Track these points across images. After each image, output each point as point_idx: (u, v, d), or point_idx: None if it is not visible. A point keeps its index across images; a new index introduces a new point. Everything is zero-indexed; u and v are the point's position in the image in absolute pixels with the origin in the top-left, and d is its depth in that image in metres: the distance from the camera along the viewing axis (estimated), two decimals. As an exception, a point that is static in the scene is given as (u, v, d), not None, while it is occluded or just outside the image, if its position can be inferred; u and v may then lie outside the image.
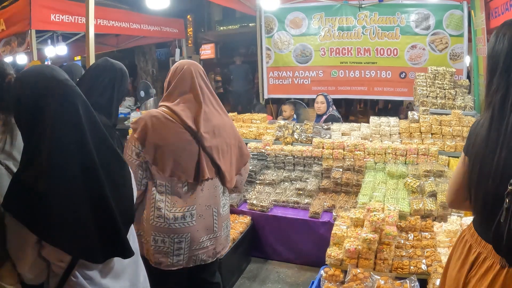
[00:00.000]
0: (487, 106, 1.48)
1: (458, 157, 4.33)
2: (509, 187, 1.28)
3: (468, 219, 3.33)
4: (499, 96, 1.41)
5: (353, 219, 3.23)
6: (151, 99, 7.34)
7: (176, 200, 2.25)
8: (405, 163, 4.33)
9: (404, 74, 6.63)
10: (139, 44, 9.42)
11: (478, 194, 1.50)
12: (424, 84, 5.05)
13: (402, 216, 3.44)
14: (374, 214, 2.98)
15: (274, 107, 8.59)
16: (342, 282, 2.91)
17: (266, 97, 7.58)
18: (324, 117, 5.54)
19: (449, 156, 4.32)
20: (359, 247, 2.93)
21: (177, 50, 8.58)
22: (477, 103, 5.32)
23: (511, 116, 1.36)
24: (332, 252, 3.05)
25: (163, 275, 2.31)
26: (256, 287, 3.62)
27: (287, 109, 6.64)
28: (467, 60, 6.31)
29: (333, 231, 3.18)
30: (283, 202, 4.09)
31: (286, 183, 4.50)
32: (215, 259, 2.47)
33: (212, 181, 2.34)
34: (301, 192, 4.20)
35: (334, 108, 5.68)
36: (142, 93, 7.71)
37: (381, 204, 3.43)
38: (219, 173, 2.36)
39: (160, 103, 2.31)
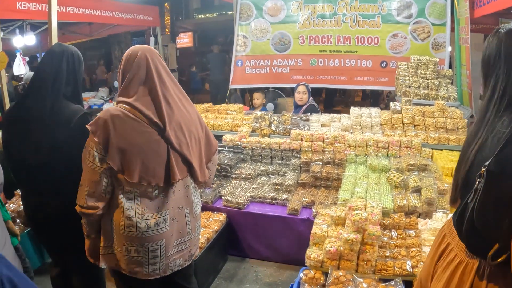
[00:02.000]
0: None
1: (441, 150, 4.20)
2: (483, 169, 1.35)
3: (454, 216, 3.18)
4: (486, 97, 1.52)
5: (334, 217, 3.03)
6: None
7: (146, 206, 2.01)
8: (387, 156, 4.16)
9: (385, 63, 6.46)
10: (114, 32, 9.04)
11: (454, 181, 1.60)
12: (407, 73, 4.88)
13: (385, 213, 3.27)
14: (357, 213, 2.79)
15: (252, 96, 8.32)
16: (323, 286, 2.72)
17: (230, 87, 7.30)
18: (304, 107, 5.33)
19: (432, 149, 4.17)
20: (341, 248, 2.73)
21: (152, 39, 8.22)
22: (459, 93, 5.19)
23: (492, 112, 1.45)
24: (312, 253, 2.84)
25: (137, 283, 2.12)
26: (233, 287, 3.40)
27: (259, 97, 6.40)
28: (449, 49, 6.19)
29: (312, 231, 2.97)
30: (260, 198, 3.87)
31: (263, 177, 4.28)
32: (191, 261, 2.29)
33: (183, 181, 2.12)
34: (279, 187, 3.98)
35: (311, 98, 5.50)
36: (115, 84, 7.33)
37: (363, 200, 3.24)
38: (190, 170, 2.13)
39: (118, 99, 2.02)
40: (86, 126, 1.95)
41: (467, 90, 5.38)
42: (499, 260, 1.36)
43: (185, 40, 14.03)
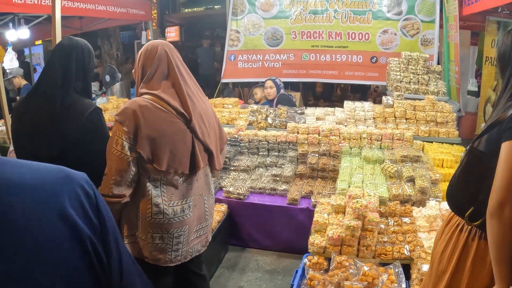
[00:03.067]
0: None
1: (432, 142, 4.38)
2: (469, 145, 1.69)
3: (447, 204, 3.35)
4: (502, 86, 1.68)
5: (334, 205, 3.16)
6: (117, 84, 6.98)
7: (172, 193, 2.10)
8: (380, 148, 4.32)
9: (375, 58, 6.63)
10: (104, 26, 8.96)
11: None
12: (398, 69, 5.05)
13: (381, 202, 3.42)
14: (357, 201, 2.93)
15: (245, 90, 8.42)
16: (326, 270, 2.85)
17: (222, 81, 7.38)
18: (275, 100, 5.37)
19: (423, 141, 4.35)
20: (343, 234, 2.87)
21: (144, 33, 8.20)
22: (447, 88, 5.39)
23: (503, 100, 1.63)
24: (315, 239, 2.97)
25: (156, 270, 2.19)
26: (235, 276, 3.51)
27: (258, 92, 6.50)
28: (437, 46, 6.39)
29: (314, 219, 3.10)
30: (260, 189, 3.98)
31: (261, 169, 4.39)
32: (206, 247, 2.40)
33: (204, 169, 2.23)
34: (277, 178, 4.10)
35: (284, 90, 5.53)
36: (107, 78, 7.31)
37: (360, 190, 3.40)
38: (210, 159, 2.25)
39: (142, 90, 2.08)
40: (113, 116, 2.00)
41: (455, 85, 5.58)
42: (476, 223, 1.64)
43: (172, 34, 13.96)
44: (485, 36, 5.70)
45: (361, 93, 9.94)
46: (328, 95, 9.94)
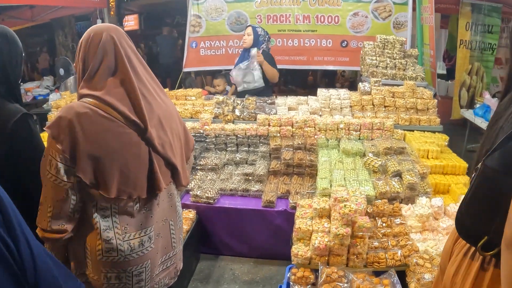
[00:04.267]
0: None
1: (413, 131, 4.09)
2: (480, 164, 1.33)
3: (438, 200, 3.07)
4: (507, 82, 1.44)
5: (318, 209, 2.79)
6: (71, 78, 6.31)
7: (127, 223, 1.64)
8: (359, 139, 3.99)
9: (345, 42, 6.29)
10: (57, 16, 8.20)
11: (474, 157, 1.50)
12: (373, 53, 4.72)
13: (367, 200, 3.07)
14: (345, 205, 2.56)
15: (208, 79, 7.91)
16: (314, 284, 2.49)
17: (184, 70, 6.85)
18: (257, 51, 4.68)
19: (404, 130, 4.06)
20: (330, 243, 2.50)
21: (99, 21, 7.50)
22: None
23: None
24: (299, 250, 2.60)
25: None
26: (209, 291, 3.10)
27: (220, 83, 6.06)
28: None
29: (296, 225, 2.71)
30: (231, 190, 3.56)
31: (230, 166, 3.97)
32: (176, 278, 1.97)
33: (167, 188, 1.78)
34: (250, 177, 3.68)
35: (269, 46, 4.91)
36: (61, 71, 6.63)
37: (344, 189, 3.03)
38: (174, 174, 1.79)
39: (82, 91, 1.60)
40: (44, 128, 1.52)
41: (430, 69, 5.34)
42: (491, 252, 1.33)
43: (131, 23, 13.15)
44: (459, 19, 5.48)
45: (328, 78, 9.65)
46: (300, 82, 9.53)
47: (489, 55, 5.82)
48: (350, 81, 9.07)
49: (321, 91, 4.51)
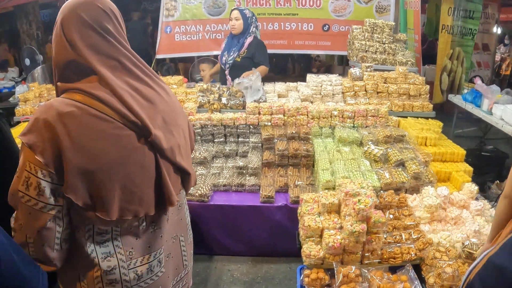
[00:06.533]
0: None
1: (406, 117, 3.99)
2: None
3: (444, 189, 2.95)
4: None
5: (326, 204, 2.60)
6: (39, 68, 5.80)
7: (132, 247, 1.35)
8: (354, 126, 3.84)
9: (327, 26, 6.10)
10: (20, 2, 7.51)
11: None
12: (362, 37, 4.55)
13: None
14: (359, 200, 2.39)
15: (181, 66, 7.54)
16: (328, 286, 2.33)
17: (157, 56, 6.46)
18: (247, 40, 4.42)
19: (398, 116, 3.94)
20: (345, 241, 2.33)
21: None
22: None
23: None
24: (311, 250, 2.41)
25: None
26: (208, 296, 2.88)
27: (206, 68, 5.73)
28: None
29: (305, 223, 2.52)
30: (224, 186, 3.32)
31: (220, 159, 3.72)
32: None
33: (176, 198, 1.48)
34: (243, 171, 3.46)
35: (258, 30, 4.56)
36: (27, 61, 6.12)
37: (350, 181, 2.87)
38: (184, 180, 1.50)
39: (60, 85, 1.26)
40: (19, 137, 1.18)
41: (415, 54, 5.25)
42: None
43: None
44: (442, 4, 5.40)
45: (304, 63, 9.49)
46: (279, 69, 9.29)
47: (469, 40, 5.80)
48: (326, 66, 8.95)
49: (311, 77, 4.31)
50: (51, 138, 1.15)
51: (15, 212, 1.22)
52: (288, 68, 9.56)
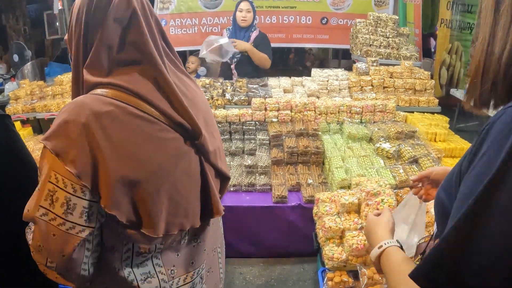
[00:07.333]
0: None
1: (413, 112, 3.94)
2: None
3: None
4: None
5: (346, 204, 2.53)
6: (28, 64, 5.57)
7: (174, 264, 1.22)
8: (361, 122, 3.77)
9: (325, 19, 6.01)
10: None
11: None
12: (366, 31, 4.48)
13: (389, 191, 2.87)
14: (382, 200, 2.33)
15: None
16: (352, 288, 2.26)
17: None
18: (253, 34, 4.33)
19: (405, 112, 3.89)
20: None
21: (56, 3, 6.68)
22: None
23: None
24: (333, 252, 2.34)
25: None
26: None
27: (194, 61, 5.62)
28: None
29: (326, 224, 2.44)
30: (234, 186, 3.22)
31: (226, 157, 3.61)
32: None
33: None
34: (253, 169, 3.36)
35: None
36: (16, 57, 5.88)
37: (365, 178, 2.82)
38: (222, 185, 1.38)
39: (90, 79, 1.08)
40: (41, 141, 1.01)
41: (416, 48, 5.21)
42: None
43: None
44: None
45: (298, 57, 9.38)
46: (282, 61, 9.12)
47: (467, 35, 5.79)
48: (320, 60, 8.86)
49: (316, 72, 4.23)
50: (87, 144, 0.99)
51: (33, 226, 1.05)
52: (285, 61, 9.43)
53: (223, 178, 1.36)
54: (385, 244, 1.03)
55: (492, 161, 0.65)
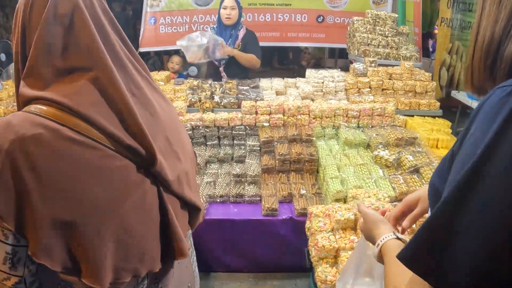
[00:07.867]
0: None
1: (413, 116, 3.73)
2: None
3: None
4: None
5: (341, 221, 2.31)
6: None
7: None
8: (358, 127, 3.55)
9: (321, 18, 5.78)
10: None
11: None
12: (364, 30, 4.25)
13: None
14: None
15: (165, 59, 7.13)
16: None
17: (140, 49, 6.03)
18: (240, 33, 4.08)
19: (405, 115, 3.67)
20: (367, 265, 2.04)
21: None
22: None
23: None
24: (327, 274, 2.11)
25: None
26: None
27: (179, 62, 5.42)
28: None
29: (319, 243, 2.22)
30: (221, 197, 2.99)
31: (213, 164, 3.39)
32: None
33: None
34: (242, 179, 3.13)
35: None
36: (3, 56, 5.62)
37: (363, 190, 2.60)
38: (193, 216, 1.16)
39: (25, 92, 0.89)
40: None
41: (416, 47, 4.99)
42: None
43: None
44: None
45: (293, 56, 9.17)
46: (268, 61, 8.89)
47: (468, 34, 5.59)
48: (316, 59, 8.64)
49: (310, 72, 4.00)
50: (10, 177, 0.80)
51: None
52: (276, 61, 9.21)
53: (192, 208, 1.13)
54: (381, 241, 1.00)
55: (478, 143, 0.65)
